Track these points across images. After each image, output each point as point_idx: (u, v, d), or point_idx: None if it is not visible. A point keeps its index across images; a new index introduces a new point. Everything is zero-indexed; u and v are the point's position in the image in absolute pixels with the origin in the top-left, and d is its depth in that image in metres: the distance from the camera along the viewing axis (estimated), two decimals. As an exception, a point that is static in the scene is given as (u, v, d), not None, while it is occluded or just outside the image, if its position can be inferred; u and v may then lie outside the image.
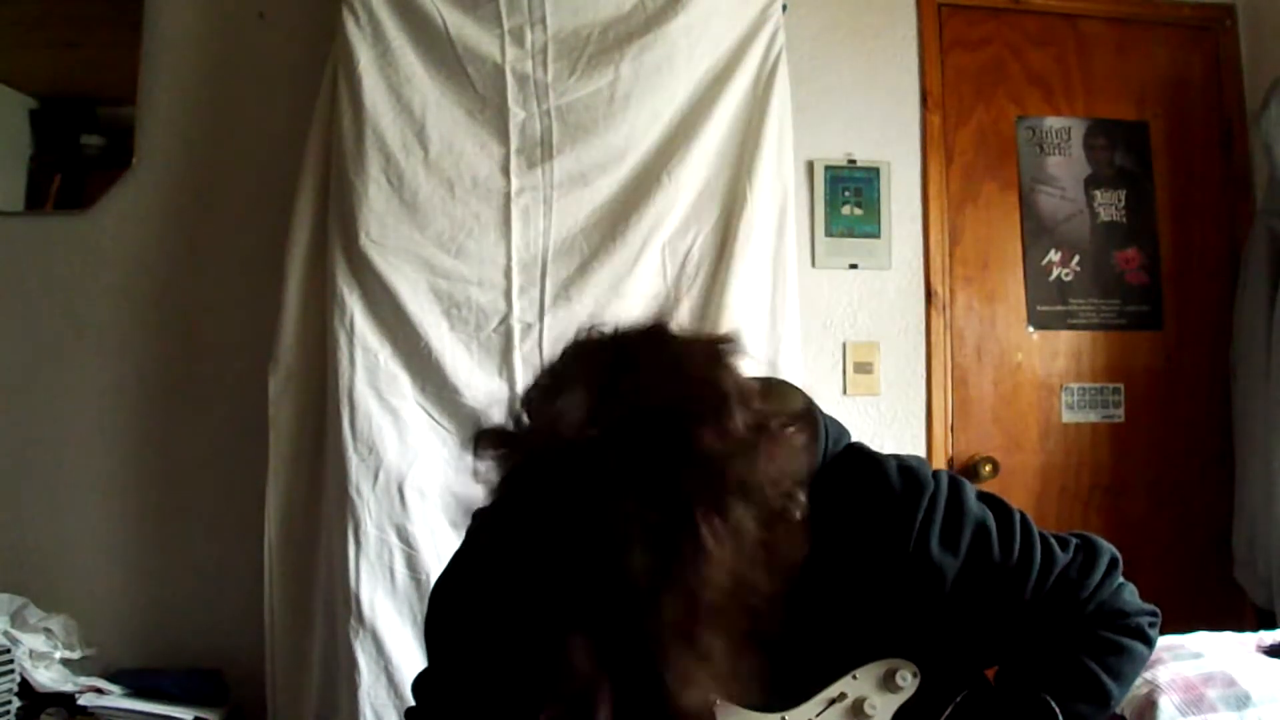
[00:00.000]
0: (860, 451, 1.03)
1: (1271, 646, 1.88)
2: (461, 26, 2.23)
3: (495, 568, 0.84)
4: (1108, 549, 1.04)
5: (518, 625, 0.81)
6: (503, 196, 2.23)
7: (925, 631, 0.99)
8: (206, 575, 2.35)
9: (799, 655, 0.97)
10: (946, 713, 1.00)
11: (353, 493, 2.11)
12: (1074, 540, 1.03)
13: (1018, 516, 1.02)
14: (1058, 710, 0.95)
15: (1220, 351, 2.77)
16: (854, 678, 0.98)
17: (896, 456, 1.02)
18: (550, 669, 0.78)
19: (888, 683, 0.98)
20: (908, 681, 0.98)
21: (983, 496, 1.03)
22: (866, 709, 0.97)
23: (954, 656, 1.01)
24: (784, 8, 2.44)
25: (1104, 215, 2.82)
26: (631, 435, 0.79)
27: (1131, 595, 1.04)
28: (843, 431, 1.05)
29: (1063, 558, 1.01)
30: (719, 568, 0.77)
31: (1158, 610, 1.05)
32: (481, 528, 0.87)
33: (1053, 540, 1.02)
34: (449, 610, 1.09)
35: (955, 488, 1.00)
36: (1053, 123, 2.82)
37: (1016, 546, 0.99)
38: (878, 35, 2.71)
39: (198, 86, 2.46)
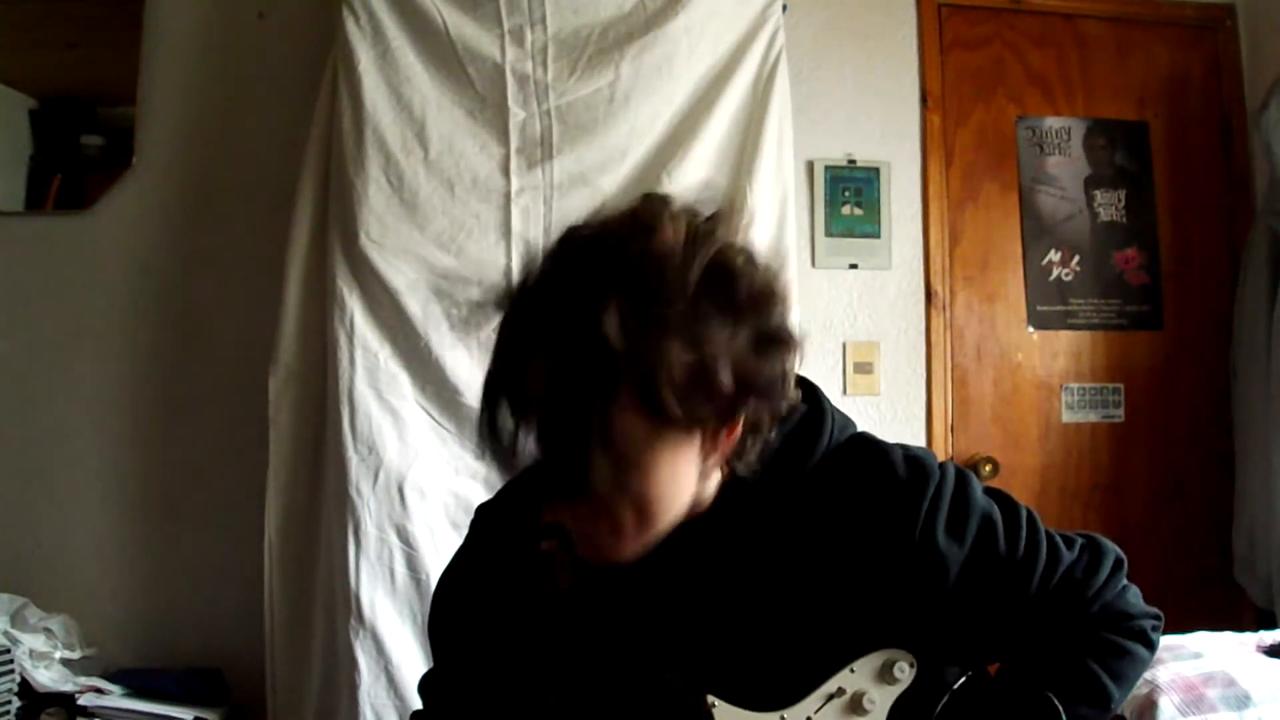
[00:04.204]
0: (866, 440, 1.03)
1: (1271, 646, 1.88)
2: (461, 26, 2.23)
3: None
4: (1113, 550, 1.03)
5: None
6: (503, 196, 2.23)
7: (927, 623, 0.98)
8: (206, 575, 2.35)
9: (798, 647, 0.97)
10: (942, 702, 0.99)
11: (353, 493, 2.11)
12: (1079, 540, 1.03)
13: (1024, 512, 1.01)
14: (1061, 709, 0.95)
15: (1220, 351, 2.77)
16: (851, 671, 0.98)
17: (903, 446, 1.02)
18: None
19: (885, 675, 0.98)
20: (905, 673, 0.98)
21: (989, 491, 1.02)
22: (865, 703, 0.97)
23: (955, 649, 1.01)
24: (784, 8, 2.44)
25: (1104, 215, 2.82)
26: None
27: (1135, 598, 1.03)
28: (848, 422, 1.05)
29: (1068, 556, 1.00)
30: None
31: (1161, 614, 1.04)
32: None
33: (1058, 538, 1.01)
34: (453, 608, 1.09)
35: (961, 479, 0.99)
36: (1053, 123, 2.82)
37: (1022, 541, 0.98)
38: (878, 35, 2.71)
39: (198, 86, 2.46)
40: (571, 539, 0.91)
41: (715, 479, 0.96)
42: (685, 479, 0.91)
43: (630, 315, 0.82)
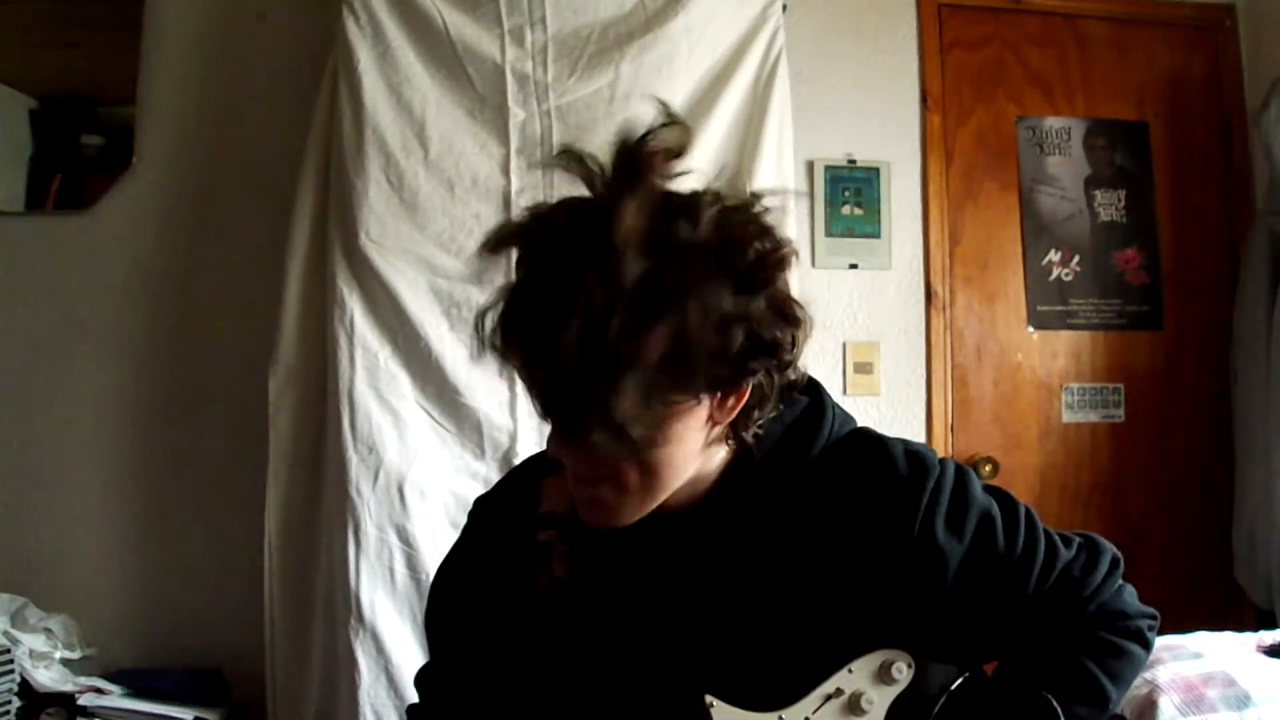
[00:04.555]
0: (866, 434, 1.03)
1: (1271, 646, 1.88)
2: (461, 26, 2.24)
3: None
4: (1110, 549, 1.03)
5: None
6: (503, 196, 2.23)
7: (925, 620, 0.98)
8: (206, 575, 2.35)
9: (797, 646, 0.97)
10: (940, 703, 0.99)
11: (353, 493, 2.11)
12: (1077, 539, 1.03)
13: (1023, 510, 1.01)
14: (1059, 709, 0.95)
15: (1220, 351, 2.77)
16: (849, 671, 0.97)
17: (903, 440, 1.01)
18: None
19: (883, 675, 0.98)
20: (903, 673, 0.98)
21: (988, 489, 1.02)
22: (863, 704, 0.97)
23: (952, 648, 1.01)
24: (784, 8, 2.44)
25: (1104, 215, 2.82)
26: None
27: (1131, 597, 1.03)
28: (849, 417, 1.05)
29: (1065, 555, 1.00)
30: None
31: (1157, 614, 1.04)
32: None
33: (1056, 537, 1.01)
34: (450, 599, 1.10)
35: (961, 474, 1.00)
36: (1053, 123, 2.82)
37: (1021, 539, 0.98)
38: (878, 35, 2.71)
39: (198, 86, 2.46)
40: (575, 506, 0.93)
41: (719, 456, 0.96)
42: (691, 443, 0.92)
43: (649, 279, 0.82)
